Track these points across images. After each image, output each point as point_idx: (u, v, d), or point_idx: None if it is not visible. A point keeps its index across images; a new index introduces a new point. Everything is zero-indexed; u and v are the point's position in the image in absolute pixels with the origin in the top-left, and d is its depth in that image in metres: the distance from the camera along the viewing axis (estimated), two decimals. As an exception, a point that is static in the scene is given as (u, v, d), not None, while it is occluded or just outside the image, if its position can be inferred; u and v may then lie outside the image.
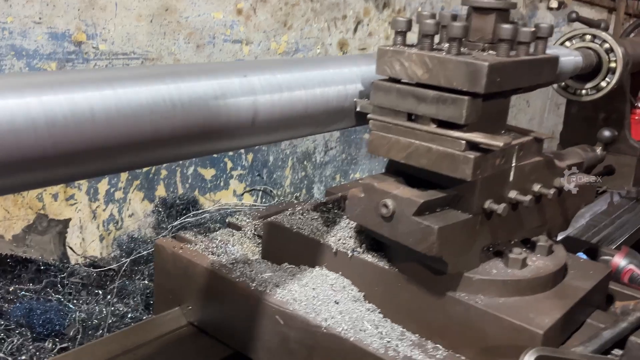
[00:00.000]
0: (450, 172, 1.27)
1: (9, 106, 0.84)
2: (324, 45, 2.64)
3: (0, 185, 0.86)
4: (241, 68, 1.23)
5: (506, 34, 1.24)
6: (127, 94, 0.98)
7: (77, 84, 0.94)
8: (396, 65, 1.31)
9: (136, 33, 2.00)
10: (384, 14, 2.88)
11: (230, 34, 2.29)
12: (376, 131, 1.38)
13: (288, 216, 1.68)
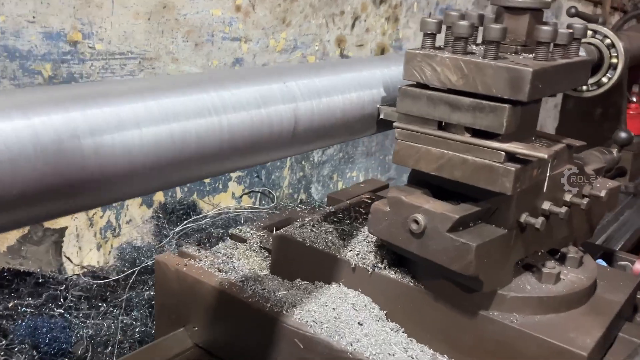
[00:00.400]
0: (489, 185, 1.18)
1: (54, 123, 0.76)
2: (322, 41, 2.57)
3: (59, 208, 0.80)
4: (276, 73, 1.13)
5: (546, 36, 1.16)
6: (173, 105, 0.93)
7: (120, 96, 0.87)
8: (427, 70, 1.21)
9: (133, 32, 1.89)
10: (381, 10, 2.81)
11: (229, 31, 2.20)
12: (403, 140, 1.28)
13: (299, 228, 1.58)
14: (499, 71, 1.12)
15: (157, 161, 0.89)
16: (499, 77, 1.13)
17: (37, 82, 1.71)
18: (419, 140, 1.26)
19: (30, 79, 1.71)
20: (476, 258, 1.18)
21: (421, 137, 1.26)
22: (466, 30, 1.17)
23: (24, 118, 0.74)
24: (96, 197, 0.84)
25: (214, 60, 2.20)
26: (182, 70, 2.09)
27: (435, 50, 1.22)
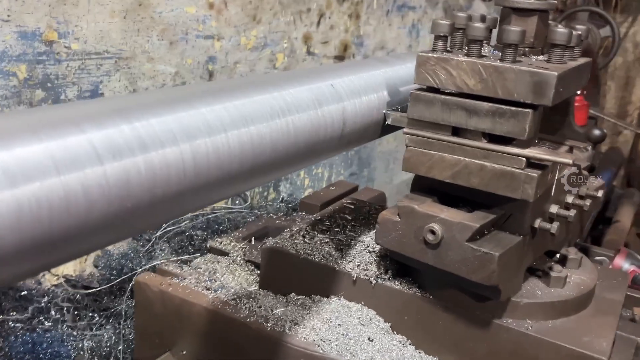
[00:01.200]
0: (509, 192, 1.15)
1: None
2: (290, 39, 2.51)
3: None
4: (314, 74, 1.14)
5: (562, 39, 1.14)
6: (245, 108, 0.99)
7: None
8: (441, 74, 1.16)
9: (110, 30, 1.78)
10: (344, 7, 2.77)
11: (203, 29, 2.10)
12: (414, 147, 1.23)
13: (289, 239, 1.49)
14: (522, 75, 1.09)
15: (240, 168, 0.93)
16: (522, 82, 1.09)
17: (12, 85, 1.59)
18: (432, 147, 1.21)
19: (4, 81, 1.58)
20: (498, 267, 1.14)
21: (434, 143, 1.21)
22: (482, 33, 1.13)
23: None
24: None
25: (188, 59, 2.09)
26: (157, 69, 1.98)
27: (449, 54, 1.17)
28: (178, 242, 1.95)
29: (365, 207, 1.75)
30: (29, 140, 0.68)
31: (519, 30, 1.10)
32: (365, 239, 1.46)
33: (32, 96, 1.64)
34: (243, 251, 1.63)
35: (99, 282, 1.79)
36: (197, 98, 0.94)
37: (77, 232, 0.72)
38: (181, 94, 0.96)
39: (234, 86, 1.06)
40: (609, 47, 4.23)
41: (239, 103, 0.99)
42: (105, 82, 1.83)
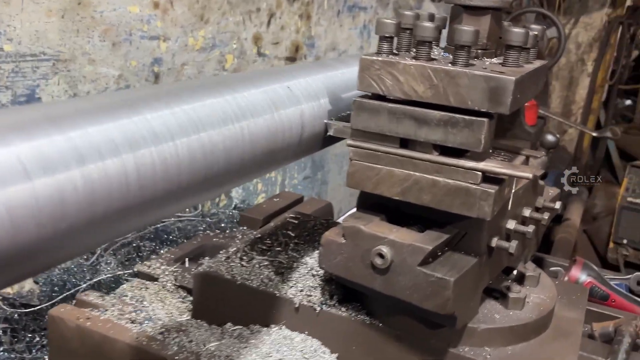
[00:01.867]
0: (465, 211, 1.04)
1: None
2: (240, 39, 2.40)
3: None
4: (265, 76, 1.06)
5: (518, 40, 1.03)
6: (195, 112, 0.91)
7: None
8: (387, 79, 1.04)
9: (46, 30, 1.66)
10: (295, 7, 2.68)
11: (148, 29, 1.98)
12: (359, 161, 1.10)
13: (225, 263, 1.35)
14: (476, 80, 0.98)
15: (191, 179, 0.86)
16: (476, 88, 0.98)
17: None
18: (379, 161, 1.09)
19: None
20: (454, 294, 1.03)
21: (381, 156, 1.08)
22: (431, 33, 1.02)
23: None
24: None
25: (133, 61, 1.97)
26: (99, 72, 1.86)
27: (395, 57, 1.05)
28: (125, 254, 1.81)
29: (310, 222, 1.62)
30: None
31: (471, 30, 0.99)
32: (309, 261, 1.33)
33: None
34: (175, 275, 1.48)
35: (40, 299, 1.64)
36: (141, 103, 0.86)
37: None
38: (124, 98, 0.88)
39: (183, 89, 0.96)
40: (554, 48, 4.24)
41: (188, 108, 0.91)
42: (43, 85, 1.71)
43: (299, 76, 1.13)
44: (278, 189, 2.97)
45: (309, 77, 1.15)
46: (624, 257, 3.93)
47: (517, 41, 1.03)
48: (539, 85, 1.18)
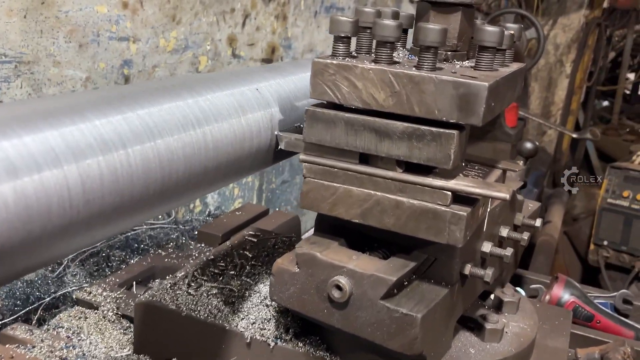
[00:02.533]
0: (432, 236, 0.90)
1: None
2: (214, 41, 2.32)
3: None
4: (232, 77, 0.97)
5: (492, 40, 0.90)
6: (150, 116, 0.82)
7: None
8: (343, 85, 0.91)
9: (7, 31, 1.58)
10: (270, 8, 2.60)
11: (116, 30, 1.90)
12: (314, 178, 0.97)
13: (170, 291, 1.20)
14: (444, 87, 0.85)
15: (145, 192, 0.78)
16: (444, 95, 0.85)
17: None
18: (335, 178, 0.95)
19: None
20: (422, 331, 0.90)
21: (338, 173, 0.95)
22: (393, 33, 0.88)
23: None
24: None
25: (101, 63, 1.89)
26: (65, 75, 1.78)
27: (352, 60, 0.91)
28: (93, 264, 1.67)
29: (271, 240, 1.48)
30: None
31: (438, 28, 0.85)
32: (263, 289, 1.19)
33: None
34: (118, 303, 1.32)
35: (2, 313, 1.48)
36: (89, 107, 0.78)
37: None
38: (69, 102, 0.79)
39: (138, 92, 0.86)
40: (532, 49, 4.18)
41: (143, 112, 0.82)
42: (4, 88, 1.64)
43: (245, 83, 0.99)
44: (255, 195, 2.83)
45: (258, 83, 1.00)
46: (605, 259, 3.86)
47: (490, 41, 0.90)
48: (517, 91, 1.05)
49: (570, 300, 1.49)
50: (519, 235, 1.13)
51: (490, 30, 0.90)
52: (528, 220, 1.21)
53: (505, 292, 1.20)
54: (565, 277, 1.54)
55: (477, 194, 0.88)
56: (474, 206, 0.91)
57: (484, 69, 0.92)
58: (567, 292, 1.50)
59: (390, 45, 0.90)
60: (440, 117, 0.86)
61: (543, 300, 1.51)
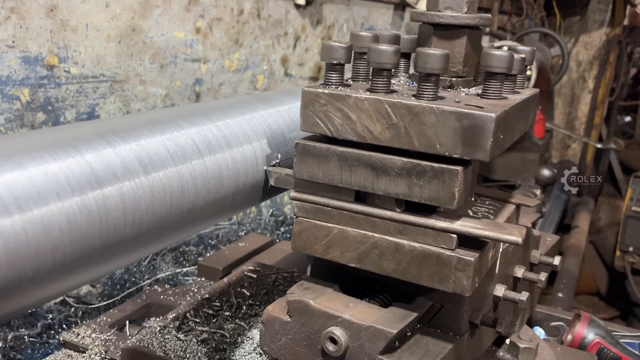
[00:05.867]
0: (437, 284, 0.81)
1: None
2: (270, 61, 2.59)
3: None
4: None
5: (501, 65, 0.82)
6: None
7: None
8: (336, 117, 0.82)
9: (105, 55, 1.84)
10: (317, 31, 2.86)
11: (190, 53, 2.16)
12: (306, 218, 0.88)
13: (159, 335, 1.12)
14: (446, 118, 0.76)
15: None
16: (446, 127, 0.76)
17: (15, 108, 1.63)
18: (329, 218, 0.87)
19: (9, 104, 1.61)
20: (425, 391, 0.80)
21: (332, 213, 0.86)
22: (390, 59, 0.80)
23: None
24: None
25: (177, 81, 2.15)
26: (148, 92, 2.03)
27: (346, 89, 0.83)
28: (173, 258, 1.92)
29: (271, 276, 1.40)
30: None
31: (439, 54, 0.77)
32: (256, 335, 1.11)
33: (33, 119, 1.70)
34: (106, 345, 1.24)
35: (103, 297, 1.70)
36: (82, 141, 0.72)
37: None
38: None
39: (124, 125, 0.80)
40: (556, 66, 4.20)
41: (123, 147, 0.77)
42: (101, 104, 1.89)
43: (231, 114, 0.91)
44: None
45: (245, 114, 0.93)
46: (631, 265, 3.98)
47: (499, 67, 0.82)
48: (530, 119, 0.96)
49: (595, 340, 1.37)
50: (535, 276, 1.03)
51: (498, 55, 0.81)
52: (545, 258, 1.11)
53: (521, 337, 1.09)
54: (588, 315, 1.43)
55: (486, 237, 0.79)
56: (482, 250, 0.82)
57: (491, 97, 0.83)
58: (591, 332, 1.38)
59: (387, 73, 0.81)
60: (443, 152, 0.77)
61: (565, 340, 1.39)
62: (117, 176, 0.71)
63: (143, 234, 0.74)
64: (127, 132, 0.75)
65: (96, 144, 0.71)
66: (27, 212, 0.62)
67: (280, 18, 2.60)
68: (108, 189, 0.71)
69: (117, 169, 0.71)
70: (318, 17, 2.86)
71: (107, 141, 0.74)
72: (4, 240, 0.59)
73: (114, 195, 0.71)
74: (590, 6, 5.62)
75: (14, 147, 0.68)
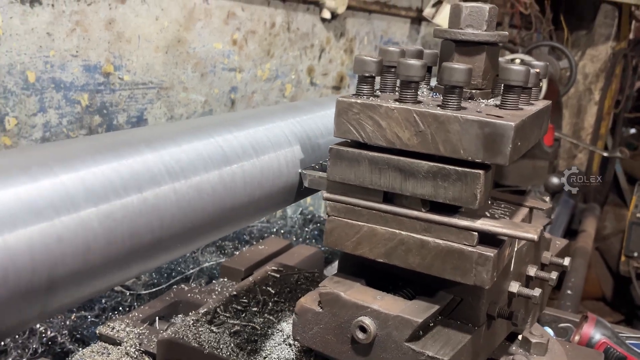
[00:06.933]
0: (459, 277, 0.89)
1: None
2: (297, 71, 2.79)
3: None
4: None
5: (518, 79, 0.90)
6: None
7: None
8: (367, 124, 0.90)
9: (154, 64, 2.03)
10: (340, 43, 3.07)
11: (227, 62, 2.37)
12: (338, 217, 0.96)
13: (192, 327, 1.20)
14: (469, 126, 0.84)
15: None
16: (469, 135, 0.84)
17: (77, 111, 1.84)
18: (360, 217, 0.94)
19: (71, 108, 1.83)
20: (448, 376, 0.87)
21: (362, 212, 0.94)
22: (417, 72, 0.88)
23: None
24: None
25: (215, 89, 2.35)
26: (190, 98, 2.24)
27: (376, 99, 0.91)
28: (209, 252, 2.07)
29: (293, 276, 1.47)
30: None
31: (464, 68, 0.85)
32: (286, 327, 1.18)
33: (91, 121, 1.88)
34: (140, 339, 1.32)
35: (146, 286, 1.82)
36: (126, 148, 0.79)
37: None
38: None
39: (166, 133, 0.88)
40: (564, 77, 4.32)
41: (174, 150, 0.85)
42: (149, 109, 2.07)
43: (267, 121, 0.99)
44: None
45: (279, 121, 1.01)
46: (636, 270, 4.12)
47: (516, 81, 0.90)
48: (543, 128, 1.04)
49: (601, 340, 1.44)
50: (547, 275, 1.11)
51: (516, 70, 0.89)
52: (556, 259, 1.18)
53: (533, 333, 1.16)
54: (595, 316, 1.50)
55: (505, 235, 0.86)
56: (500, 247, 0.89)
57: (509, 108, 0.91)
58: (598, 332, 1.45)
59: (415, 85, 0.89)
60: (466, 157, 0.85)
61: (573, 340, 1.47)
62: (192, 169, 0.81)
63: (196, 228, 0.82)
64: (207, 129, 0.87)
65: (179, 141, 0.81)
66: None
67: (307, 31, 2.77)
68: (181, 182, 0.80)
69: (185, 164, 0.82)
70: (341, 30, 3.04)
71: (186, 140, 0.85)
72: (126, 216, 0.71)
73: (168, 192, 0.80)
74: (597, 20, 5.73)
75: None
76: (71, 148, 0.76)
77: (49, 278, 0.65)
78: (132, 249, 0.77)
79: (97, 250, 0.70)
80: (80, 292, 0.72)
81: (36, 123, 1.76)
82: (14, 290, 0.61)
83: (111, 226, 0.72)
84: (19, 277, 0.61)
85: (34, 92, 1.71)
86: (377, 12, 3.36)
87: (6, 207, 0.62)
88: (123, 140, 0.82)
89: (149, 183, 0.77)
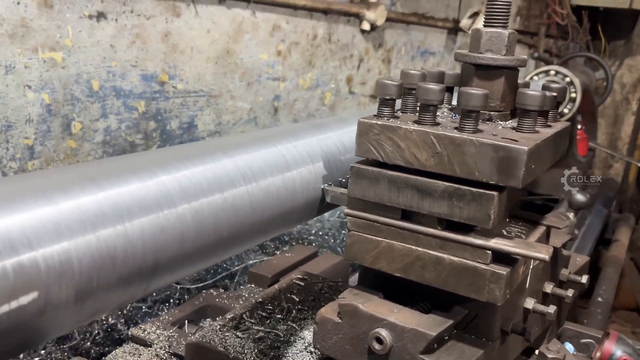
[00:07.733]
0: (472, 293, 0.92)
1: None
2: (337, 80, 2.92)
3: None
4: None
5: (534, 104, 0.93)
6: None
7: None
8: (387, 145, 0.95)
9: (205, 73, 2.18)
10: (379, 53, 3.19)
11: (272, 72, 2.51)
12: (358, 232, 1.00)
13: (219, 332, 1.25)
14: (484, 149, 0.88)
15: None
16: (484, 157, 0.88)
17: (134, 117, 2.00)
18: (379, 233, 0.99)
19: (129, 114, 1.97)
20: (460, 389, 0.91)
21: (381, 228, 0.98)
22: (436, 97, 0.92)
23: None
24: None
25: (260, 97, 2.48)
26: (237, 106, 2.38)
27: (396, 120, 0.96)
28: (253, 251, 2.19)
29: (317, 284, 1.52)
30: None
31: (480, 94, 0.89)
32: (308, 335, 1.23)
33: (146, 126, 2.02)
34: (170, 341, 1.38)
35: (193, 281, 1.93)
36: (158, 164, 0.87)
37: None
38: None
39: (198, 150, 0.97)
40: (600, 88, 4.30)
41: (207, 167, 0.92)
42: (199, 116, 2.22)
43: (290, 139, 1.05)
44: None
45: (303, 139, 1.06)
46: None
47: (532, 105, 0.93)
48: (560, 149, 1.07)
49: (622, 357, 1.45)
50: (563, 292, 1.13)
51: (532, 95, 0.93)
52: (574, 277, 1.20)
53: (550, 349, 1.19)
54: (617, 333, 1.51)
55: (517, 254, 0.90)
56: (513, 265, 0.92)
57: (525, 130, 0.95)
58: (619, 349, 1.46)
59: (433, 108, 0.93)
60: (481, 179, 0.89)
61: (594, 356, 1.48)
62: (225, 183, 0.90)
63: (264, 225, 0.95)
64: (269, 139, 1.00)
65: (248, 149, 0.96)
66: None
67: (347, 42, 2.90)
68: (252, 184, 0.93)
69: (255, 170, 0.96)
70: (380, 41, 3.14)
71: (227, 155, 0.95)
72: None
73: (243, 193, 0.92)
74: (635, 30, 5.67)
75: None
76: (166, 155, 0.90)
77: (154, 262, 0.78)
78: (215, 241, 0.89)
79: (190, 240, 0.83)
80: (174, 276, 0.86)
81: (98, 128, 1.90)
82: (130, 270, 0.74)
83: (200, 220, 0.84)
84: (135, 259, 0.75)
85: (97, 100, 1.86)
86: (415, 24, 3.44)
87: (125, 202, 0.75)
88: (203, 148, 0.96)
89: (228, 185, 0.90)
